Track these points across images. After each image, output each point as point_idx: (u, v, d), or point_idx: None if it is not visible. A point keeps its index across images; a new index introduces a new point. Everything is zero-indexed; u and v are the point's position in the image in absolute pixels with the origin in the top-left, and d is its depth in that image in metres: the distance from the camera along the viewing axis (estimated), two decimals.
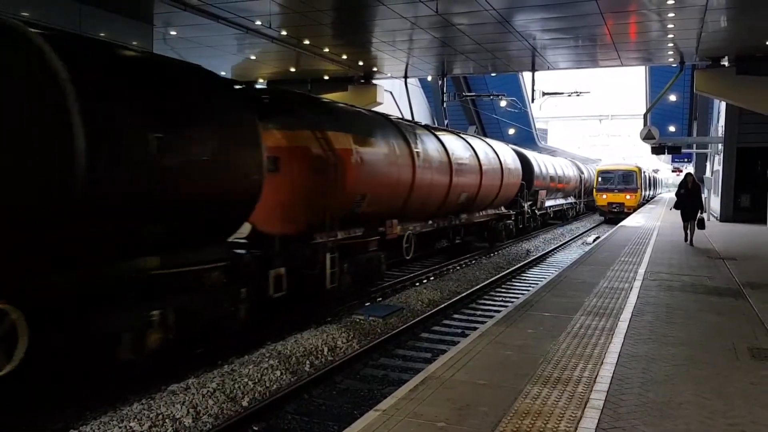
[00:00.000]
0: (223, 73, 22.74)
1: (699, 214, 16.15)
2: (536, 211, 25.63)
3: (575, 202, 35.92)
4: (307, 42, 19.84)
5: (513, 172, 20.50)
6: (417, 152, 12.86)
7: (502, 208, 20.63)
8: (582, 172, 38.00)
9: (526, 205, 23.57)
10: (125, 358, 6.19)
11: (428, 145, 13.86)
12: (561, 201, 31.64)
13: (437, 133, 15.42)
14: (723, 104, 25.75)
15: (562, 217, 32.77)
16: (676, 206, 16.67)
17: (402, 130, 12.88)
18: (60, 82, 5.16)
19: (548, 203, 27.99)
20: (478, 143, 18.14)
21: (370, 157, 10.98)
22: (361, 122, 11.62)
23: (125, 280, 6.20)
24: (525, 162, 23.40)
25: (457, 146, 15.85)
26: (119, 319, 6.16)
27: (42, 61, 5.16)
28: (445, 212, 15.37)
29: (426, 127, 15.77)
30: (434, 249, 17.38)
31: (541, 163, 26.62)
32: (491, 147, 19.23)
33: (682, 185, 16.43)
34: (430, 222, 14.64)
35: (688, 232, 16.35)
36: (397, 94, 31.87)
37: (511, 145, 23.77)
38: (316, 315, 9.91)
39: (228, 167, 7.26)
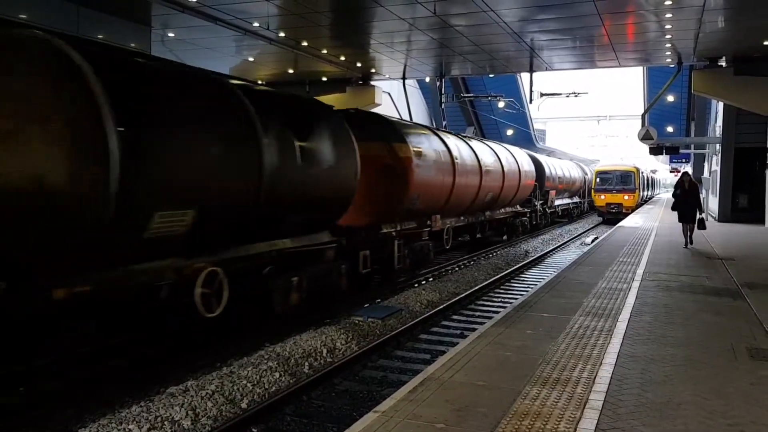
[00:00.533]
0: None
1: (698, 215, 15.38)
2: (547, 210, 28.07)
3: (580, 201, 38.26)
4: (305, 43, 19.85)
5: (528, 175, 23.03)
6: (456, 159, 15.34)
7: (518, 206, 23.35)
8: (586, 174, 39.42)
9: (538, 204, 26.18)
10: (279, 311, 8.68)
11: (464, 153, 16.36)
12: (567, 200, 34.27)
13: (469, 141, 18.07)
14: (721, 105, 25.81)
15: (568, 215, 35.28)
16: (674, 208, 15.87)
17: (444, 140, 15.39)
18: (254, 123, 7.82)
19: (557, 202, 30.64)
20: (500, 149, 20.77)
21: (424, 164, 13.37)
22: (416, 135, 14.00)
23: (276, 255, 8.72)
24: (538, 165, 25.95)
25: (485, 152, 18.47)
26: (274, 282, 8.63)
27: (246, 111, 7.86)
28: (474, 210, 17.97)
29: (461, 136, 18.51)
30: (459, 242, 19.65)
31: (551, 165, 29.35)
32: (510, 152, 21.79)
33: (679, 186, 15.73)
34: (462, 218, 17.17)
35: (687, 233, 15.56)
36: (395, 96, 31.88)
37: (525, 150, 26.21)
38: (314, 317, 9.93)
39: (339, 173, 9.81)
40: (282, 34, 18.56)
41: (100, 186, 5.61)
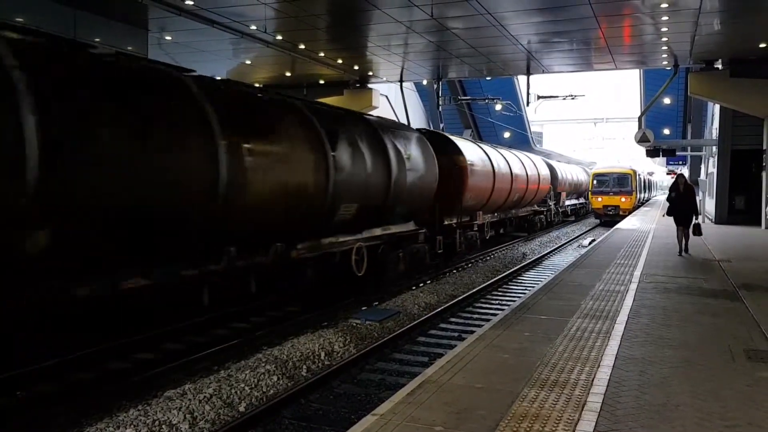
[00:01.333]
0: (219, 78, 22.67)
1: (694, 220, 14.43)
2: (559, 209, 32.34)
3: (585, 202, 41.06)
4: (302, 46, 19.87)
5: (545, 179, 27.25)
6: (495, 167, 19.27)
7: (536, 205, 27.70)
8: (589, 176, 40.57)
9: (552, 204, 30.57)
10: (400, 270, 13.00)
11: (499, 161, 20.34)
12: (575, 201, 38.64)
13: (501, 150, 22.41)
14: (717, 107, 25.85)
15: (575, 213, 39.06)
16: (669, 212, 15.01)
17: (485, 151, 19.48)
18: (386, 149, 11.99)
19: (567, 202, 34.88)
20: (524, 158, 24.88)
21: (474, 171, 17.37)
22: (468, 147, 17.92)
23: (387, 238, 12.33)
24: (552, 170, 30.28)
25: (513, 160, 22.44)
26: (388, 255, 12.38)
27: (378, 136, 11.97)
28: (505, 208, 22.11)
29: (495, 147, 22.56)
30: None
31: (562, 170, 33.83)
32: (532, 160, 26.20)
33: (674, 188, 14.89)
34: (496, 215, 21.22)
35: (682, 240, 14.53)
36: (392, 98, 31.91)
37: (541, 157, 31.11)
38: (312, 319, 9.93)
39: (426, 179, 13.57)
40: (279, 37, 18.58)
41: (327, 189, 9.66)
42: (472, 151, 17.89)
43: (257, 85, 25.59)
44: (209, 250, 7.64)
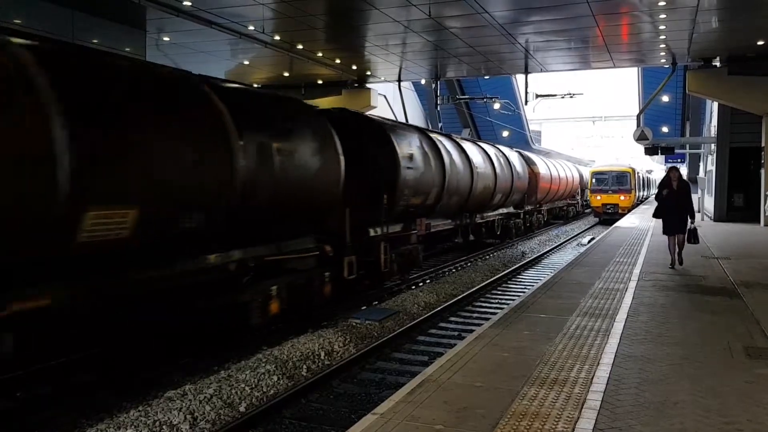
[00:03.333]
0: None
1: (689, 224, 11.64)
2: (583, 202, 40.85)
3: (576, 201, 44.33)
4: (300, 46, 19.86)
5: (573, 182, 35.92)
6: (552, 174, 27.29)
7: (568, 200, 36.50)
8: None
9: (579, 199, 39.13)
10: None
11: (552, 170, 29.01)
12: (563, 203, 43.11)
13: (546, 160, 29.22)
14: (715, 104, 25.88)
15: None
16: (656, 214, 12.13)
17: (546, 162, 27.84)
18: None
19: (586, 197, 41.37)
20: (566, 165, 34.22)
21: (543, 175, 26.33)
22: (538, 158, 26.12)
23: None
24: (580, 174, 38.18)
25: (564, 168, 31.79)
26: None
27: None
28: (553, 199, 30.19)
29: (541, 157, 29.22)
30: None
31: (583, 174, 40.27)
32: (569, 167, 35.62)
33: (665, 184, 11.81)
34: (548, 204, 30.53)
35: (674, 250, 11.79)
36: (390, 98, 31.91)
37: (567, 161, 39.54)
38: (312, 319, 9.92)
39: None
40: (277, 38, 18.58)
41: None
42: (540, 161, 25.61)
43: (255, 85, 25.63)
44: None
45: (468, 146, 17.46)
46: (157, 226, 6.27)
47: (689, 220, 11.70)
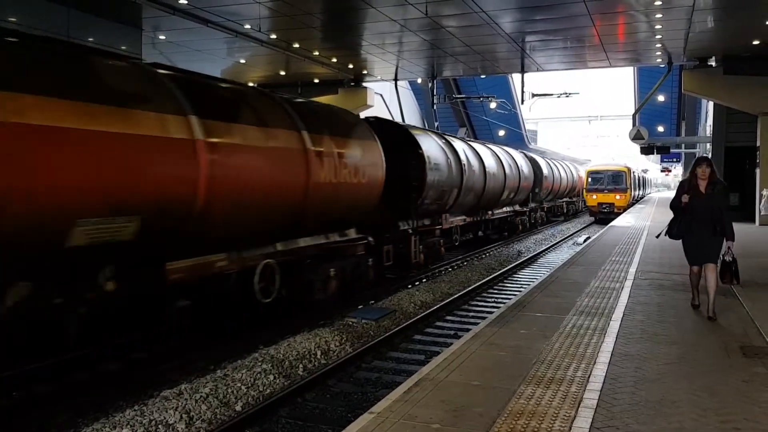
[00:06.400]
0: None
1: (724, 250, 7.57)
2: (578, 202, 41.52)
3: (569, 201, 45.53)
4: (296, 45, 19.84)
5: (573, 182, 37.56)
6: (562, 175, 28.92)
7: (568, 198, 38.09)
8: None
9: (574, 199, 40.29)
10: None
11: (557, 172, 31.63)
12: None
13: (553, 162, 31.73)
14: (711, 104, 25.97)
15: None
16: (671, 231, 7.79)
17: (568, 167, 31.24)
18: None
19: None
20: (567, 166, 36.25)
21: (551, 177, 29.03)
22: (551, 163, 29.92)
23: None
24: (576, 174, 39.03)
25: (566, 170, 34.84)
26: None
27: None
28: (559, 196, 33.56)
29: (550, 160, 32.12)
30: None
31: (581, 172, 41.11)
32: (569, 167, 37.42)
33: (686, 186, 7.59)
34: (552, 201, 32.48)
35: (698, 285, 7.92)
36: (387, 97, 31.90)
37: (567, 161, 40.45)
38: (308, 318, 9.91)
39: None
40: (273, 36, 18.54)
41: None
42: (552, 166, 27.62)
43: (251, 84, 25.56)
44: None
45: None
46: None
47: (724, 243, 7.49)
